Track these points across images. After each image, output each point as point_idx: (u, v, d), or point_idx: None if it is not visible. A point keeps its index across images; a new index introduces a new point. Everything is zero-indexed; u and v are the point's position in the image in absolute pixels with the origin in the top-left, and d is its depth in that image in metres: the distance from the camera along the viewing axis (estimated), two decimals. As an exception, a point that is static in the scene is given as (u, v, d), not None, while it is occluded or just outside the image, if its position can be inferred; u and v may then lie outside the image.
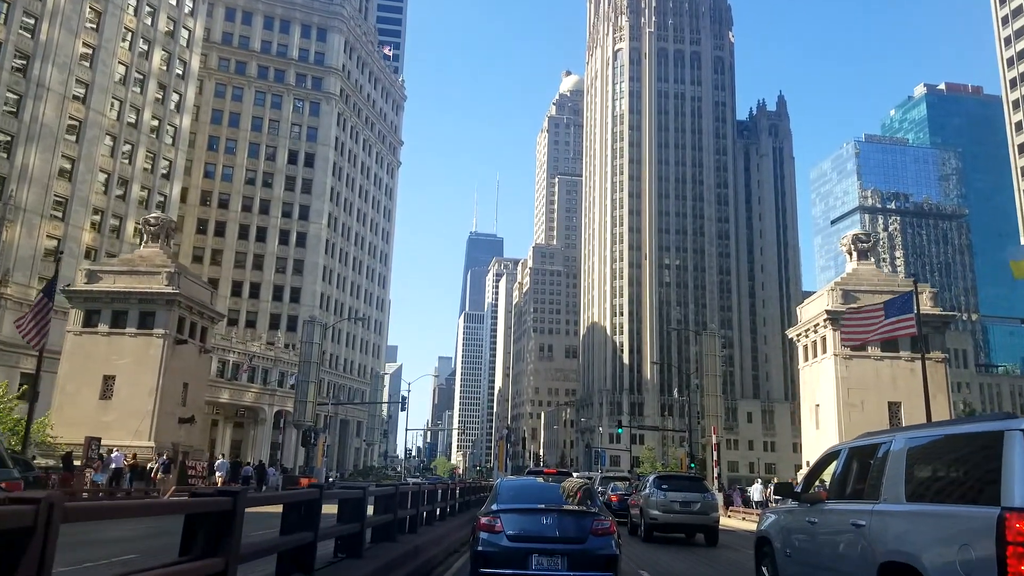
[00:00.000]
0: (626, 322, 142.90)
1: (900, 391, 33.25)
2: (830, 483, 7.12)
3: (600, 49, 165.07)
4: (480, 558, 9.27)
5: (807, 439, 37.35)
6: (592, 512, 9.61)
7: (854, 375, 33.49)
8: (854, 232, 36.82)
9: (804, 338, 37.47)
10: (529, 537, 9.17)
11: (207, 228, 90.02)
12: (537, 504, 9.80)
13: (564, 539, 9.15)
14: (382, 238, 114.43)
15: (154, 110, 72.82)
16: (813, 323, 35.68)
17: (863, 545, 5.71)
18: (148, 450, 33.16)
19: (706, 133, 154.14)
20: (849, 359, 33.58)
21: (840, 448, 7.29)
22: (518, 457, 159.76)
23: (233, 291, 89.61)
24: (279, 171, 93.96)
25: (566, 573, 8.96)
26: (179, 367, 36.74)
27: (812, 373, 36.65)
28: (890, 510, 5.48)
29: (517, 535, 9.20)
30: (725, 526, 31.19)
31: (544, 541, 9.12)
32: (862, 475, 6.44)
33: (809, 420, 36.83)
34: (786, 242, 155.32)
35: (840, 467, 6.95)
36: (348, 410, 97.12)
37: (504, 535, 9.23)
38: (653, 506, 19.92)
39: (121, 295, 36.04)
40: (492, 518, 9.46)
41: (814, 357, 36.31)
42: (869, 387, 33.25)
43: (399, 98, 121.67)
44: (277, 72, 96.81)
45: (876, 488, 5.87)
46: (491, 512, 9.64)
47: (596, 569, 9.04)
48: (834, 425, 33.26)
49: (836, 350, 33.82)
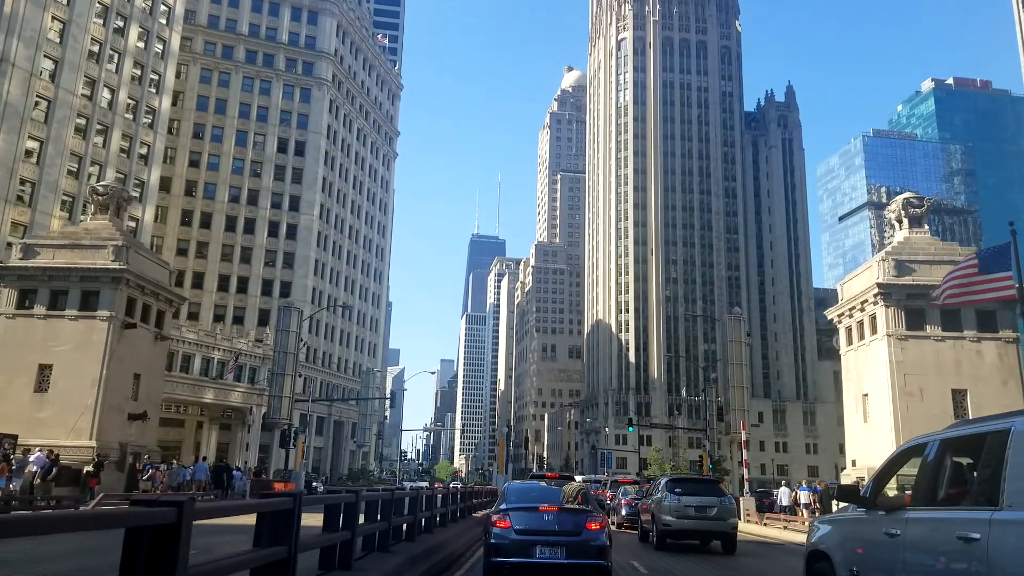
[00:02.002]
0: (632, 319, 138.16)
1: (965, 376, 28.52)
2: (914, 485, 5.96)
3: (603, 39, 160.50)
4: (493, 549, 10.82)
5: (852, 435, 32.48)
6: (586, 510, 11.10)
7: (911, 358, 28.69)
8: (905, 195, 32.12)
9: (847, 318, 32.57)
10: (533, 531, 10.67)
11: (192, 219, 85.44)
12: (540, 503, 11.23)
13: (563, 532, 10.66)
14: (378, 232, 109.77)
15: (130, 90, 68.29)
16: (859, 300, 30.78)
17: (978, 566, 4.56)
18: (88, 450, 28.50)
19: (713, 124, 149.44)
20: (905, 340, 28.78)
21: (927, 440, 6.11)
22: (521, 460, 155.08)
23: (220, 285, 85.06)
24: (268, 160, 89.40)
25: (565, 561, 10.46)
26: (129, 355, 31.98)
27: (858, 358, 31.80)
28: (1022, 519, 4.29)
29: (523, 529, 10.71)
30: (765, 537, 26.60)
31: (546, 534, 10.62)
32: (961, 474, 5.54)
33: (855, 413, 31.95)
34: (796, 236, 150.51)
35: (929, 464, 5.77)
36: (342, 411, 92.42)
37: (512, 529, 10.75)
38: (666, 511, 18.85)
39: (60, 272, 31.26)
40: (502, 515, 11.06)
41: (860, 340, 31.42)
42: (929, 372, 28.44)
43: (395, 87, 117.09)
44: (266, 56, 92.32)
45: (991, 491, 4.71)
46: (501, 510, 11.26)
47: (590, 557, 10.56)
48: (887, 417, 28.49)
49: (889, 330, 29.01)
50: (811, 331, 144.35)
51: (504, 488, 13.21)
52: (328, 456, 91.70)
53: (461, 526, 19.71)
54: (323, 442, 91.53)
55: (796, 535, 25.25)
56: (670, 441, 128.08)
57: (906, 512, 5.75)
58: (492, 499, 32.08)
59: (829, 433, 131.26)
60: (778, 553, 21.14)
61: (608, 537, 10.97)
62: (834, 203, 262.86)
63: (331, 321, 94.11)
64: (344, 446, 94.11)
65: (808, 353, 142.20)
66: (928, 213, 31.28)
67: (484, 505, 29.28)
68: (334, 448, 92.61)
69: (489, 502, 30.64)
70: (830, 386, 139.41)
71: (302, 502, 6.09)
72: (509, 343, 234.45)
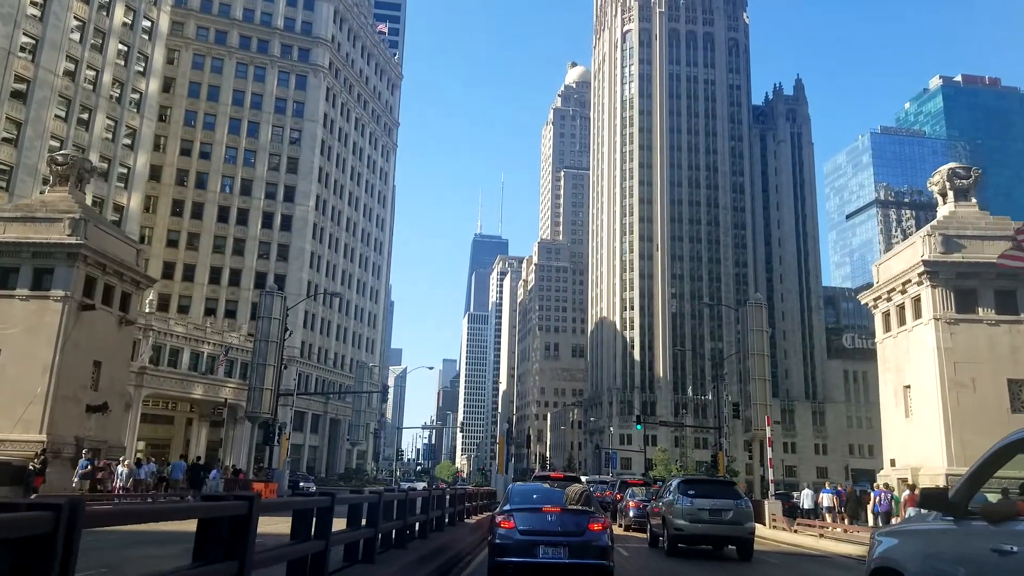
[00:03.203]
0: (637, 316, 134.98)
1: (1022, 365, 25.34)
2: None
3: (608, 32, 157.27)
4: (497, 548, 11.07)
5: (891, 432, 29.16)
6: (589, 511, 11.40)
7: (961, 345, 25.44)
8: (950, 166, 28.93)
9: (884, 302, 29.24)
10: (537, 531, 10.93)
11: (183, 210, 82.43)
12: (544, 504, 11.59)
13: (565, 533, 10.91)
14: (376, 225, 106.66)
15: (115, 72, 65.26)
16: (901, 280, 27.47)
17: None
18: (38, 444, 25.39)
19: (720, 118, 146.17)
20: (954, 324, 25.52)
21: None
22: (523, 459, 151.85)
23: (211, 278, 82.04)
24: (262, 148, 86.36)
25: (567, 560, 10.70)
26: (87, 341, 28.85)
27: (897, 346, 28.49)
28: None
29: (527, 530, 10.97)
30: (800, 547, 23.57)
31: (549, 535, 10.87)
32: None
33: (894, 407, 28.64)
34: (805, 233, 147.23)
35: None
36: (338, 409, 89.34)
37: (517, 530, 10.99)
38: (678, 515, 17.69)
39: (10, 247, 28.05)
40: (507, 516, 11.28)
41: (900, 326, 28.10)
42: (982, 360, 25.19)
43: (395, 77, 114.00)
44: (260, 42, 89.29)
45: None
46: (505, 511, 11.51)
47: (592, 557, 10.80)
48: (935, 411, 25.26)
49: (937, 313, 25.70)
50: (820, 330, 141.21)
51: (508, 489, 13.55)
52: (324, 455, 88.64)
53: (462, 529, 17.66)
54: (318, 440, 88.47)
55: (836, 544, 22.12)
56: (676, 441, 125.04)
57: (1021, 523, 4.71)
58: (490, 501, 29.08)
59: (839, 434, 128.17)
60: (802, 562, 19.34)
61: (610, 538, 11.24)
62: (841, 201, 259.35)
63: (327, 315, 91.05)
64: (340, 445, 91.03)
65: (817, 352, 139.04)
66: (976, 185, 28.12)
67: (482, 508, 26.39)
68: (330, 447, 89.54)
69: (487, 505, 27.68)
70: (840, 386, 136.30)
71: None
72: (512, 342, 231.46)
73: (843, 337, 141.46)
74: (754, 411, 33.71)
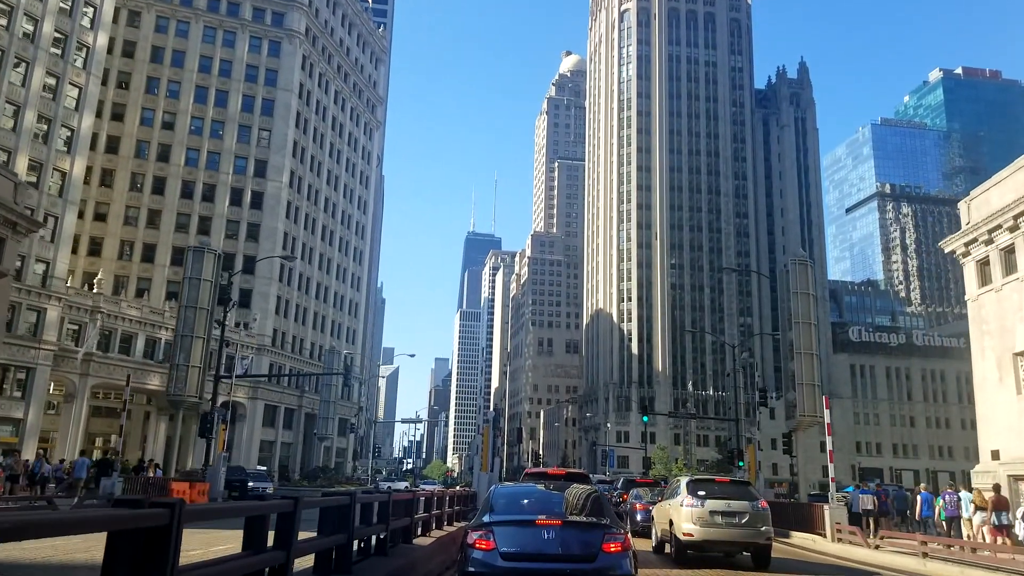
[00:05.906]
0: (635, 308, 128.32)
1: None
2: None
3: (605, 11, 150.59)
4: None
5: (992, 413, 22.42)
6: (602, 524, 8.16)
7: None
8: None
9: (983, 246, 22.53)
10: (528, 555, 7.81)
11: (143, 184, 75.30)
12: (537, 515, 8.30)
13: (569, 557, 7.77)
14: (359, 207, 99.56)
15: (58, 22, 58.07)
16: (1012, 212, 20.84)
17: None
18: None
19: (722, 101, 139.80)
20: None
21: None
22: (514, 458, 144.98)
23: (173, 259, 74.72)
24: (231, 119, 79.29)
25: None
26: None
27: (1001, 302, 21.73)
28: None
29: (513, 553, 7.82)
30: (902, 572, 16.88)
31: (545, 560, 7.75)
32: None
33: (998, 381, 21.88)
34: (810, 221, 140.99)
35: None
36: (315, 403, 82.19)
37: (497, 553, 7.82)
38: (687, 518, 15.57)
39: None
40: (484, 532, 8.05)
41: (1008, 275, 21.44)
42: None
43: (379, 50, 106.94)
44: (230, 5, 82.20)
45: None
46: (483, 525, 8.22)
47: None
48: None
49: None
50: (825, 323, 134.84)
51: (489, 493, 9.67)
52: (298, 452, 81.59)
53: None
54: (292, 437, 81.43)
55: (962, 571, 15.35)
56: (675, 439, 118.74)
57: None
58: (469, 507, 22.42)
59: (845, 430, 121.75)
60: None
61: (633, 563, 8.00)
62: (841, 194, 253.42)
63: (302, 302, 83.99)
64: (317, 442, 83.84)
65: (823, 346, 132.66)
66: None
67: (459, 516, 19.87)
68: (305, 444, 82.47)
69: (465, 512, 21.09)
70: (847, 381, 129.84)
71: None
72: (504, 338, 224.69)
73: (849, 330, 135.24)
74: (800, 393, 26.94)
